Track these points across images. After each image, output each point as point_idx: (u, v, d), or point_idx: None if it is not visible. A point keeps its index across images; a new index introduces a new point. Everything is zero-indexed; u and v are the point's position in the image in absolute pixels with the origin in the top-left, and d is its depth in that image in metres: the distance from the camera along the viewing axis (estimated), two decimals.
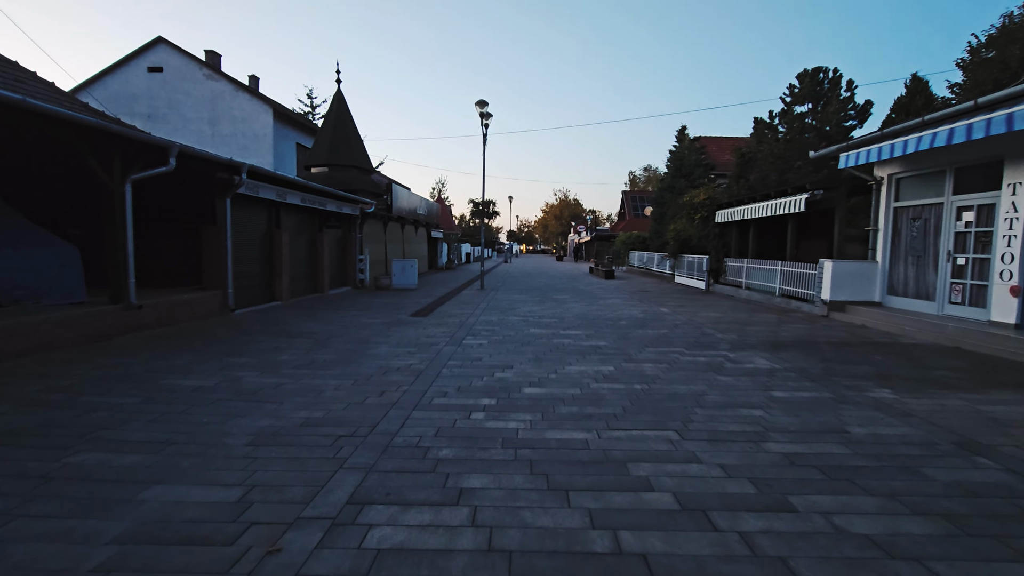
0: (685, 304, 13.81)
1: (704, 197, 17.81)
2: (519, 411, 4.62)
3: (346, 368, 6.16)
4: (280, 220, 12.72)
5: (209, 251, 10.13)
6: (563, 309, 12.35)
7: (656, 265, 25.84)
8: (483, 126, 18.25)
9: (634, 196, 59.49)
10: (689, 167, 25.55)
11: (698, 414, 4.55)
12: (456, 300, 14.34)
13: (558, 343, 7.94)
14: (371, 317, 10.57)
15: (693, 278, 19.62)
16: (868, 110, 28.23)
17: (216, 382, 5.45)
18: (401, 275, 17.84)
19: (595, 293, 17.00)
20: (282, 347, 7.33)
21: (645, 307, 13.00)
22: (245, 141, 21.98)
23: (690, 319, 10.81)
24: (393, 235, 22.88)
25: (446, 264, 34.36)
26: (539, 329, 9.27)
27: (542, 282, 22.14)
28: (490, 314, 11.32)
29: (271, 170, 13.15)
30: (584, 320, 10.48)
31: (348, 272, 17.75)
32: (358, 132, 19.68)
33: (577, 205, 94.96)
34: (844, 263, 11.14)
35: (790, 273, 13.12)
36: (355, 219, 17.78)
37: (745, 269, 15.73)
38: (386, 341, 7.94)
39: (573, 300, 14.54)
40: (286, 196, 12.31)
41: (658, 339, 8.37)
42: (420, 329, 9.14)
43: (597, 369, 6.25)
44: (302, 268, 14.38)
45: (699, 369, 6.30)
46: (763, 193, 14.27)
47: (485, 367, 6.31)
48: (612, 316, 11.17)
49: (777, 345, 7.93)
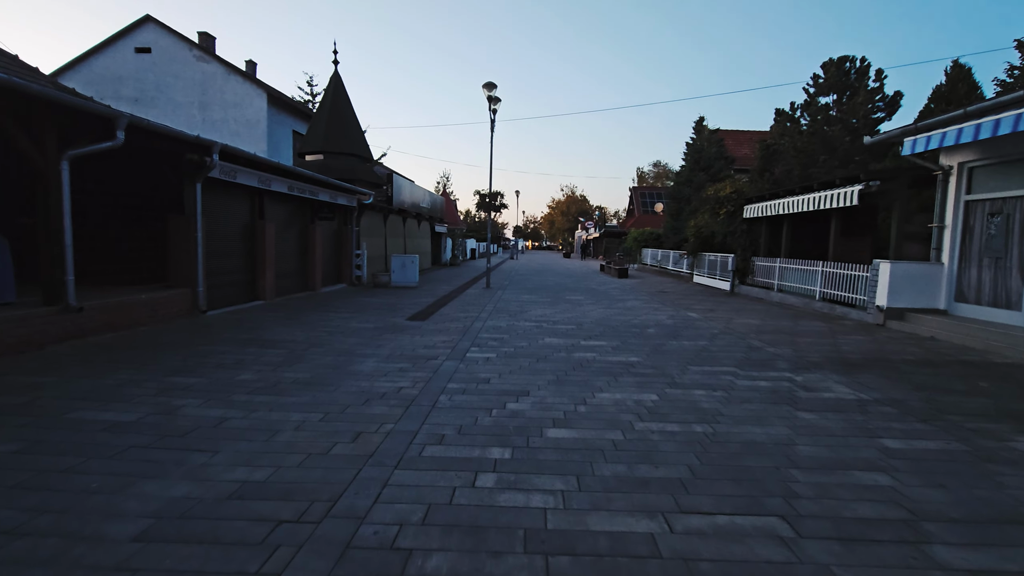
0: (714, 308, 12.42)
1: (730, 191, 16.38)
2: (544, 472, 3.28)
3: (318, 393, 4.84)
4: (264, 210, 11.41)
5: (176, 244, 8.84)
6: (579, 313, 10.99)
7: (672, 263, 24.42)
8: (491, 111, 16.88)
9: (643, 192, 58.02)
10: (708, 160, 24.06)
11: (800, 483, 3.20)
12: (460, 300, 13.02)
13: (581, 358, 6.59)
14: (363, 320, 9.26)
15: (715, 278, 18.21)
16: (898, 101, 26.73)
17: (142, 415, 4.14)
18: (401, 272, 16.54)
19: (611, 294, 15.63)
20: (247, 361, 6.02)
21: (670, 311, 11.62)
22: (237, 127, 20.70)
23: (727, 327, 9.43)
24: (394, 229, 21.57)
25: (450, 260, 33.06)
26: (556, 339, 7.93)
27: (552, 280, 20.78)
28: (498, 318, 9.98)
29: (264, 156, 11.75)
30: (606, 327, 9.13)
31: (344, 268, 16.45)
32: (356, 118, 18.34)
33: (584, 201, 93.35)
34: (904, 264, 9.71)
35: (834, 275, 11.71)
36: (352, 211, 16.47)
37: (778, 269, 14.31)
38: (375, 353, 6.62)
39: (589, 302, 13.19)
40: (270, 183, 10.99)
41: (699, 354, 7.01)
42: (417, 337, 7.82)
43: (637, 399, 4.90)
44: (291, 264, 13.09)
45: (767, 399, 4.94)
46: (803, 185, 12.84)
47: (494, 393, 4.98)
48: (637, 322, 9.81)
49: (847, 364, 6.55)
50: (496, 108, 16.93)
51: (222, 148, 8.62)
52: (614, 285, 19.05)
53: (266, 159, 10.28)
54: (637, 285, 19.28)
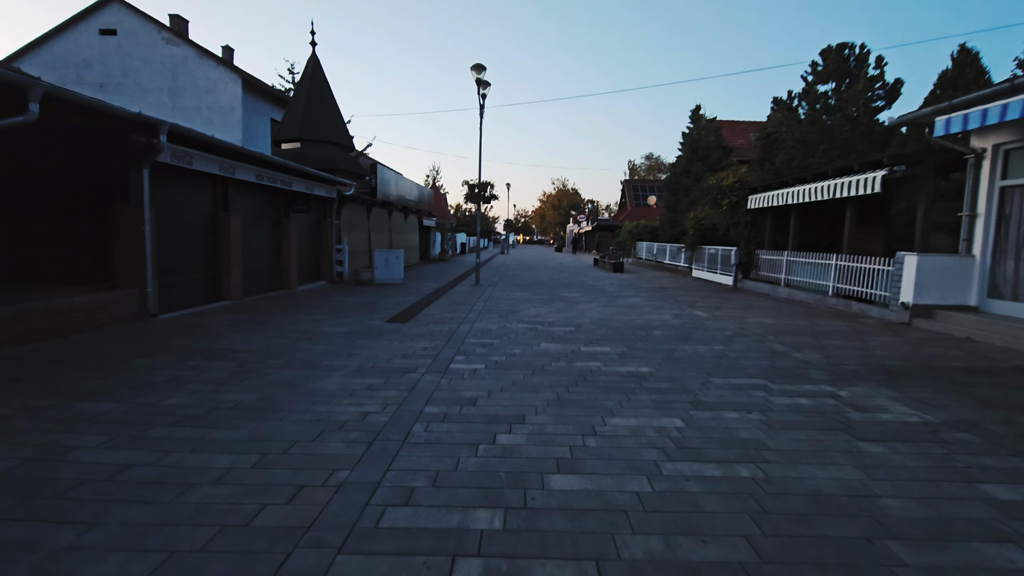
0: (720, 305, 11.55)
1: (733, 180, 15.51)
2: (549, 554, 2.34)
3: (261, 423, 3.87)
4: (229, 200, 10.33)
5: (121, 238, 7.77)
6: (577, 312, 10.06)
7: (669, 257, 23.58)
8: (480, 96, 15.84)
9: (636, 185, 57.22)
10: (706, 149, 23.18)
11: (910, 568, 2.28)
12: (447, 299, 12.04)
13: (584, 369, 5.66)
14: (337, 323, 8.25)
15: (716, 272, 17.37)
16: (898, 89, 26.05)
17: (13, 462, 3.14)
18: (385, 268, 15.51)
19: (607, 290, 14.73)
20: (185, 378, 5.02)
21: (674, 309, 10.73)
22: (211, 115, 19.47)
23: (741, 327, 8.55)
24: (378, 222, 20.50)
25: (439, 255, 32.01)
26: (553, 344, 6.99)
27: (545, 276, 19.85)
28: (488, 319, 9.02)
29: (237, 144, 10.52)
30: (608, 329, 8.21)
31: (323, 264, 15.39)
32: (336, 104, 17.22)
33: (576, 194, 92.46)
34: (932, 257, 8.88)
35: (850, 269, 10.87)
36: (331, 203, 15.39)
37: (785, 263, 13.47)
38: (343, 366, 5.64)
39: (586, 299, 12.26)
40: (234, 171, 9.91)
41: (718, 361, 6.10)
42: (395, 343, 6.84)
43: (658, 425, 3.97)
44: (261, 260, 12.02)
45: (815, 424, 4.04)
46: (816, 172, 11.98)
47: (481, 420, 4.03)
48: (641, 323, 8.90)
49: (890, 374, 5.67)
50: (485, 93, 15.90)
51: (171, 128, 7.54)
52: (610, 280, 18.16)
53: (227, 143, 9.19)
54: (634, 280, 18.41)
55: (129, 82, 19.51)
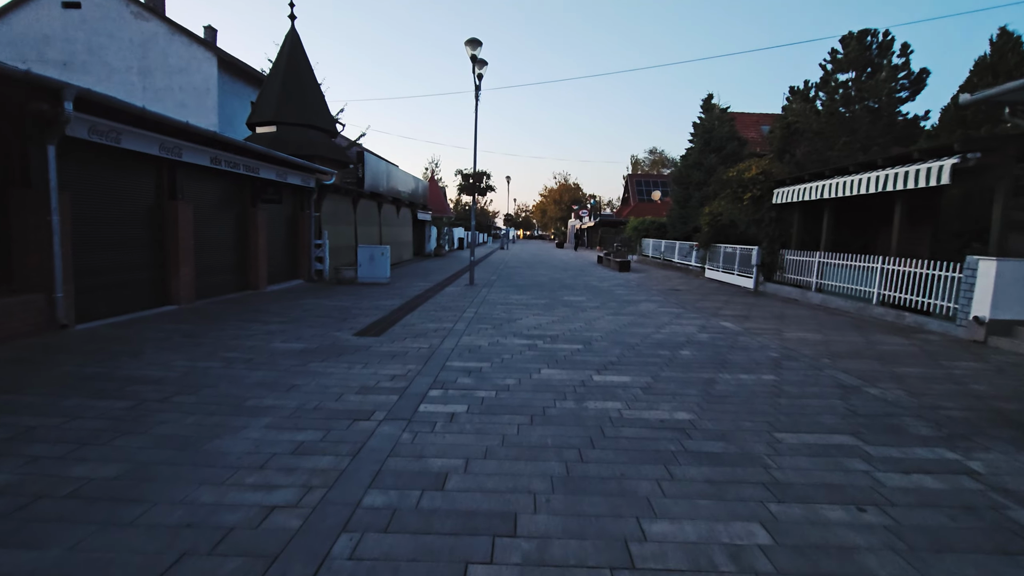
0: (748, 314, 10.05)
1: (756, 172, 13.98)
2: None
3: (97, 534, 2.39)
4: (177, 187, 8.81)
5: (23, 231, 6.27)
6: (583, 322, 8.58)
7: (678, 256, 22.06)
8: (476, 76, 14.28)
9: (640, 180, 55.69)
10: (720, 140, 21.59)
11: None
12: (434, 303, 10.55)
13: (600, 413, 4.18)
14: (292, 337, 6.77)
15: (732, 273, 15.87)
16: (924, 79, 24.53)
17: None
18: (369, 265, 14.00)
19: (615, 292, 13.24)
20: (40, 431, 3.53)
21: (697, 318, 9.24)
22: (183, 96, 17.91)
23: (784, 346, 7.06)
24: (366, 215, 18.96)
25: (435, 251, 30.49)
26: (557, 370, 5.50)
27: (545, 274, 18.34)
28: (478, 332, 7.54)
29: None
30: (624, 347, 6.72)
31: (301, 261, 13.88)
32: (317, 84, 15.67)
33: (577, 189, 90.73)
34: (1015, 263, 7.39)
35: (901, 274, 9.37)
36: (309, 193, 13.87)
37: (817, 265, 11.96)
38: (275, 406, 4.16)
39: (592, 304, 10.77)
40: (181, 152, 8.40)
41: (776, 401, 4.62)
42: (357, 368, 5.36)
43: (728, 539, 2.49)
44: (222, 256, 10.51)
45: (974, 539, 2.56)
46: (861, 162, 10.45)
47: (447, 526, 2.55)
48: (662, 337, 7.41)
49: (1019, 426, 4.19)
50: (482, 73, 14.34)
51: (80, 95, 6.01)
52: (617, 281, 16.65)
53: (169, 117, 7.65)
54: (643, 280, 16.91)
55: (95, 60, 17.93)
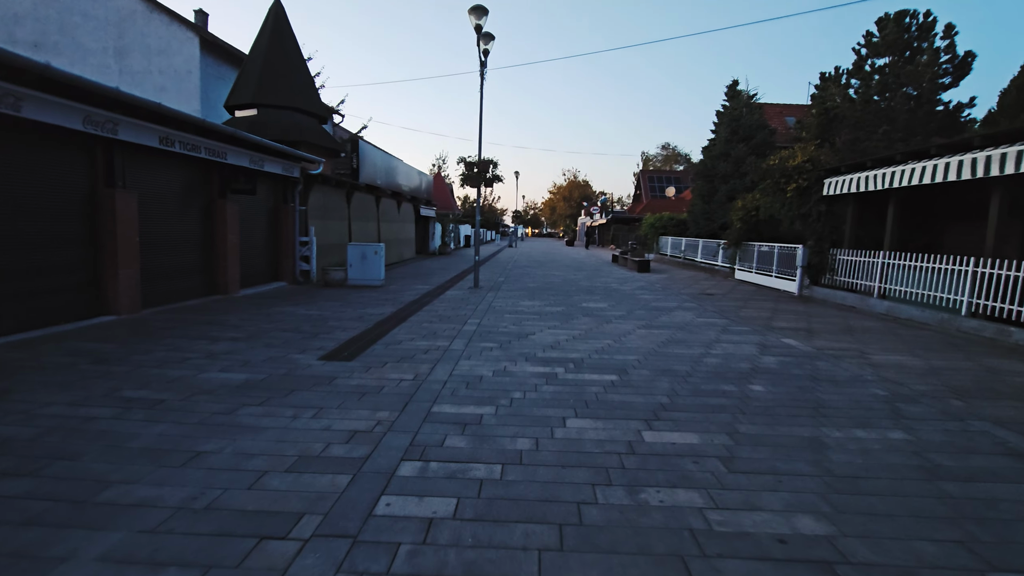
0: (808, 326, 8.32)
1: (802, 159, 12.19)
2: None
3: None
4: (116, 172, 7.23)
5: None
6: (611, 337, 6.89)
7: (702, 255, 20.27)
8: (481, 52, 12.62)
9: (652, 176, 53.88)
10: (749, 128, 19.74)
11: None
12: (431, 311, 8.92)
13: (671, 518, 2.51)
14: (238, 363, 5.16)
15: (770, 275, 14.09)
16: (969, 64, 22.58)
17: None
18: (360, 266, 12.40)
19: (640, 297, 11.53)
20: None
21: (751, 334, 7.52)
22: (164, 80, 16.41)
23: (883, 377, 5.34)
24: (362, 210, 17.38)
25: (439, 249, 28.88)
26: (590, 421, 3.84)
27: (558, 275, 16.65)
28: (480, 354, 5.89)
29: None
30: (673, 377, 5.04)
31: (283, 261, 12.31)
32: (305, 63, 14.08)
33: (587, 186, 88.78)
34: None
35: (1004, 279, 7.59)
36: (293, 184, 12.29)
37: (880, 267, 10.17)
38: (141, 506, 2.54)
39: (617, 312, 9.08)
40: (116, 128, 6.82)
41: (937, 485, 2.93)
42: (301, 420, 3.74)
43: None
44: (181, 256, 8.95)
45: None
46: (945, 144, 8.66)
47: None
48: (716, 362, 5.72)
49: None
50: (488, 48, 12.67)
51: None
52: (638, 283, 14.93)
53: (90, 81, 6.03)
54: (666, 283, 15.18)
55: (67, 40, 16.47)
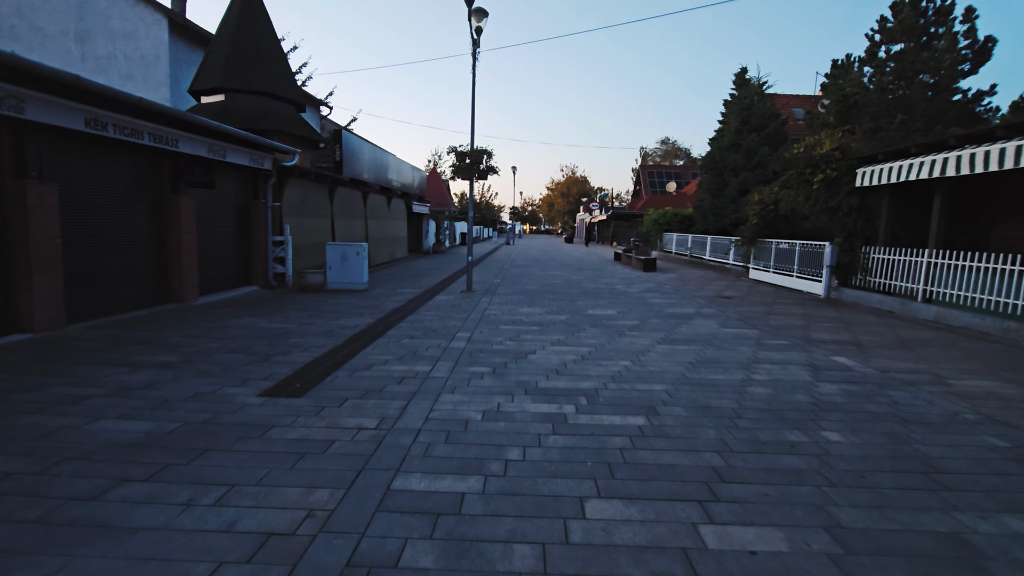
0: (855, 338, 7.12)
1: (831, 147, 10.98)
2: None
3: None
4: (29, 160, 5.99)
5: None
6: (628, 356, 5.69)
7: (710, 252, 19.07)
8: (473, 30, 11.37)
9: (652, 171, 52.75)
10: (761, 118, 18.52)
11: None
12: (414, 323, 7.70)
13: None
14: (144, 405, 3.95)
15: (791, 275, 12.90)
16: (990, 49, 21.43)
17: None
18: (341, 267, 11.18)
19: (651, 301, 10.33)
20: None
21: (793, 351, 6.32)
22: (130, 66, 15.10)
23: (982, 411, 4.15)
24: (347, 207, 16.12)
25: (433, 247, 27.64)
26: (620, 504, 2.64)
27: (559, 276, 15.43)
28: (468, 385, 4.68)
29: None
30: (715, 419, 3.83)
31: (254, 263, 11.06)
32: (279, 44, 12.80)
33: (585, 182, 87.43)
34: None
35: None
36: (265, 177, 11.04)
37: (926, 267, 8.99)
38: None
39: (628, 320, 7.87)
40: (23, 107, 5.57)
41: None
42: (191, 515, 2.52)
43: None
44: (124, 259, 7.70)
45: None
46: (1009, 125, 7.47)
47: None
48: (768, 395, 4.51)
49: None
50: (480, 26, 11.43)
51: None
52: (645, 283, 13.73)
53: None
54: (676, 283, 13.98)
55: (24, 24, 15.14)
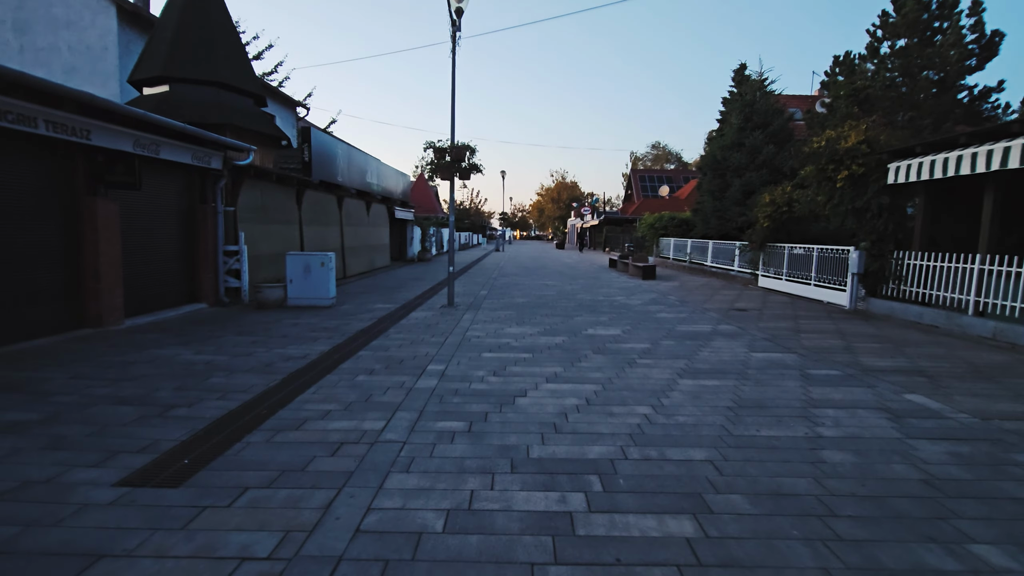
0: (913, 364, 5.85)
1: (856, 140, 9.80)
2: None
3: None
4: None
5: None
6: (643, 397, 4.35)
7: (713, 258, 17.87)
8: (452, 11, 10.07)
9: (643, 175, 51.79)
10: (765, 115, 17.41)
11: None
12: (377, 351, 6.30)
13: None
14: None
15: (808, 284, 11.68)
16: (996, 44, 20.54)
17: None
18: (303, 281, 9.76)
19: (657, 316, 9.03)
20: None
21: (849, 384, 5.02)
22: (74, 58, 13.62)
23: None
24: (319, 213, 14.68)
25: (418, 255, 26.22)
26: None
27: (552, 285, 14.09)
28: (431, 456, 3.31)
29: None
30: (790, 513, 2.50)
31: (202, 276, 9.59)
32: (235, 30, 11.40)
33: (575, 187, 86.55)
34: None
35: None
36: (214, 177, 9.60)
37: (976, 275, 7.77)
38: None
39: (638, 343, 6.54)
40: None
41: None
42: None
43: None
44: (23, 275, 6.23)
45: None
46: None
47: None
48: (851, 466, 3.19)
49: None
50: (461, 7, 10.13)
51: None
52: (647, 293, 12.44)
53: None
54: (681, 293, 12.70)
55: None
